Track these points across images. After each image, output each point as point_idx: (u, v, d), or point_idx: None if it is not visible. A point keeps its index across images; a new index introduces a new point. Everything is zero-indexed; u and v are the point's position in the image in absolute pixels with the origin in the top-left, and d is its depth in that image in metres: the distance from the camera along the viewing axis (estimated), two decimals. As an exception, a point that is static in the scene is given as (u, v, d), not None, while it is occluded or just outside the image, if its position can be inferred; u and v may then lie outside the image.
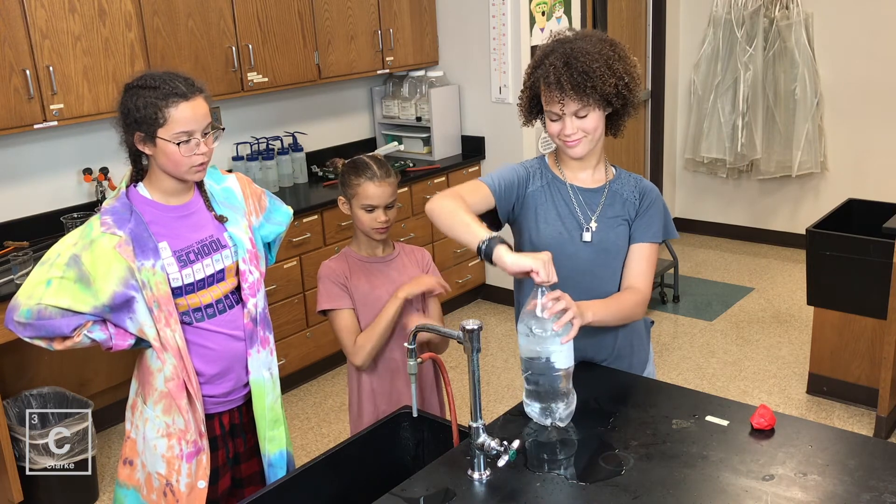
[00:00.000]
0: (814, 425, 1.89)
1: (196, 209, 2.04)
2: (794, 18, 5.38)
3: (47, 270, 1.88)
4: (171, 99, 1.87)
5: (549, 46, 1.96)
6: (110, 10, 3.47)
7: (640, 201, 2.07)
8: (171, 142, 1.88)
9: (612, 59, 1.91)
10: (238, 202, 2.13)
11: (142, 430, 2.05)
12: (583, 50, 1.89)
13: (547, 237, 2.05)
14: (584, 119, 1.94)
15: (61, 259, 1.88)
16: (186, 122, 1.89)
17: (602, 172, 2.09)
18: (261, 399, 2.11)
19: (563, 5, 4.91)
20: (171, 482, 2.01)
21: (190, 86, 1.91)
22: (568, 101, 1.91)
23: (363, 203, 2.30)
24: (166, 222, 1.98)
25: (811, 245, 3.73)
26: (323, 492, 1.90)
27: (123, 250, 1.88)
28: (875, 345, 3.60)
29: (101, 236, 1.89)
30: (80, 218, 3.41)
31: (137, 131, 1.90)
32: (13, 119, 3.24)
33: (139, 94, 1.88)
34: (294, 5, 4.16)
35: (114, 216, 1.92)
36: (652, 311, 5.00)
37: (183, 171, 1.93)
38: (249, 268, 2.08)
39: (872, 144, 5.42)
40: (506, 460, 1.65)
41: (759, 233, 6.07)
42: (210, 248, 2.03)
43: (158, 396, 2.00)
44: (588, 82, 1.87)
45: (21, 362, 3.58)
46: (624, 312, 2.02)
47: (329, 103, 4.86)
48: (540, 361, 1.79)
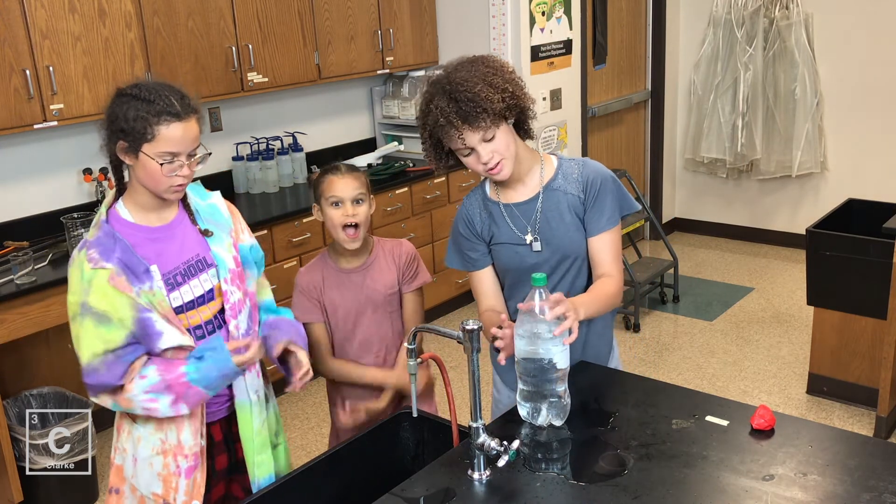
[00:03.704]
0: (814, 425, 1.89)
1: (180, 228, 1.96)
2: (794, 18, 5.38)
3: (75, 331, 1.84)
4: (164, 117, 1.79)
5: (429, 92, 1.95)
6: (110, 10, 3.47)
7: (586, 193, 2.05)
8: (155, 160, 1.81)
9: (488, 75, 1.91)
10: (224, 219, 2.04)
11: (131, 452, 1.99)
12: (460, 79, 1.89)
13: (504, 258, 2.10)
14: (492, 141, 1.93)
15: (74, 312, 1.83)
16: (175, 143, 1.81)
17: (536, 178, 2.08)
18: (247, 423, 2.02)
19: (563, 5, 4.91)
20: (168, 501, 1.96)
21: (185, 105, 1.83)
22: (467, 133, 1.90)
23: (329, 197, 2.30)
24: (151, 245, 1.90)
25: (811, 245, 3.73)
26: (323, 492, 1.90)
27: (117, 282, 1.81)
28: (875, 345, 3.60)
29: (93, 274, 1.81)
30: (79, 218, 3.40)
31: (122, 140, 1.82)
32: (13, 119, 3.24)
33: (131, 104, 1.80)
34: (294, 5, 4.16)
35: (99, 248, 1.83)
36: (652, 310, 5.00)
37: (160, 190, 1.86)
38: (231, 288, 1.98)
39: (872, 144, 5.42)
40: (506, 460, 1.65)
41: (759, 233, 6.07)
42: (196, 267, 1.95)
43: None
44: (477, 108, 1.87)
45: (21, 362, 3.59)
46: (608, 302, 2.04)
47: (329, 103, 4.86)
48: (540, 362, 1.79)
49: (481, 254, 2.13)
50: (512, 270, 2.11)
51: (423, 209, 4.62)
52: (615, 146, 5.92)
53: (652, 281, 4.99)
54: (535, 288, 1.76)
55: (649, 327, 4.79)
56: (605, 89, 5.70)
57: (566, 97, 5.07)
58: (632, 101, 5.94)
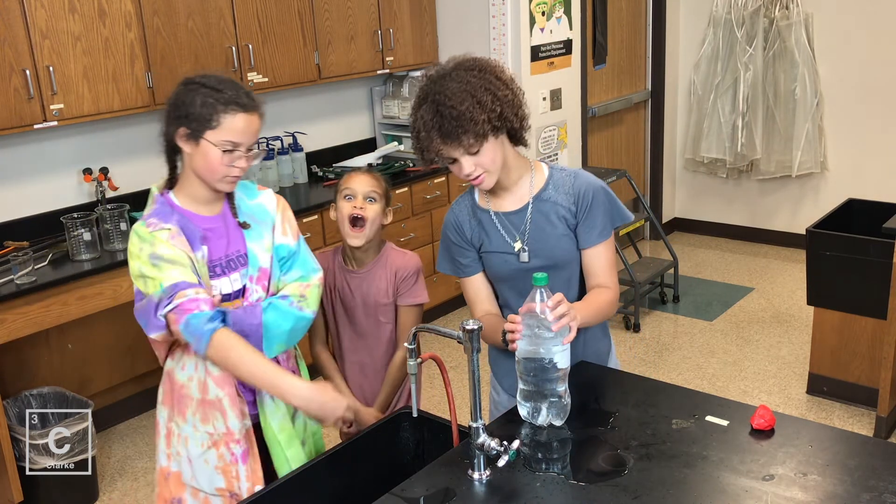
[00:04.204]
0: (814, 425, 1.89)
1: (226, 221, 1.99)
2: (794, 18, 5.38)
3: (148, 281, 1.84)
4: (231, 106, 1.83)
5: (422, 92, 1.89)
6: (110, 10, 3.47)
7: (578, 206, 2.01)
8: (217, 147, 1.84)
9: (479, 90, 1.82)
10: (269, 217, 2.04)
11: (185, 454, 1.98)
12: (449, 93, 1.82)
13: (495, 266, 2.07)
14: (477, 155, 1.87)
15: (142, 269, 1.84)
16: (238, 132, 1.85)
17: (526, 188, 2.04)
18: (268, 423, 2.02)
19: (563, 5, 4.91)
20: (233, 492, 1.96)
21: (251, 100, 1.87)
22: (448, 148, 1.86)
23: (343, 190, 2.33)
24: (199, 232, 1.93)
25: (811, 245, 3.73)
26: (323, 492, 1.90)
27: (178, 241, 1.85)
28: (875, 345, 3.60)
29: (153, 236, 1.85)
30: (79, 218, 3.40)
31: (184, 126, 1.85)
32: (13, 119, 3.24)
33: (199, 91, 1.84)
34: (294, 5, 4.16)
35: (156, 216, 1.88)
36: (652, 310, 5.00)
37: (215, 179, 1.89)
38: (255, 287, 1.99)
39: (872, 144, 5.42)
40: (506, 460, 1.65)
41: (759, 233, 6.07)
42: (237, 262, 1.97)
43: (196, 406, 1.95)
44: (460, 128, 1.81)
45: (21, 362, 3.58)
46: (603, 312, 2.03)
47: (329, 103, 4.86)
48: (541, 362, 1.79)
49: (472, 260, 2.10)
50: (503, 278, 2.09)
51: (423, 209, 4.63)
52: (615, 146, 5.92)
53: (652, 281, 4.99)
54: (536, 288, 1.76)
55: (649, 327, 4.79)
56: (605, 89, 5.70)
57: (566, 97, 5.07)
58: (632, 101, 5.94)
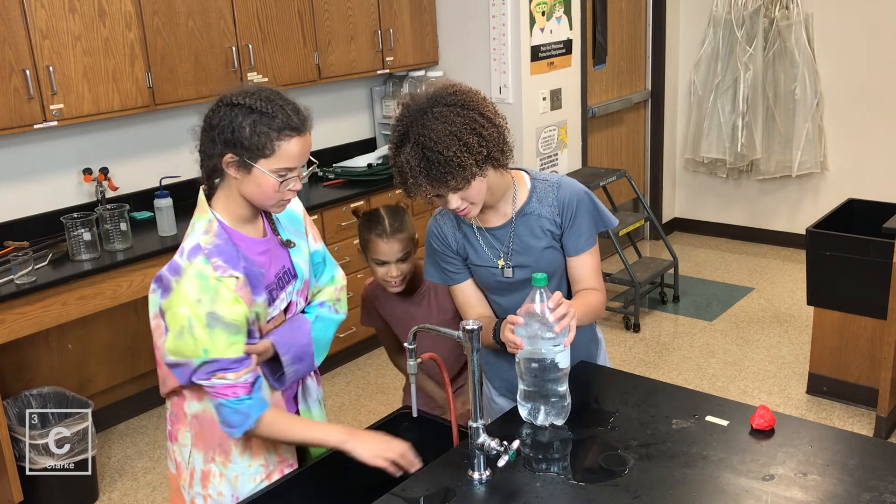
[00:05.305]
0: (814, 425, 1.89)
1: (272, 239, 1.89)
2: (794, 18, 5.38)
3: (195, 339, 1.70)
4: (286, 132, 1.69)
5: (402, 128, 1.81)
6: (110, 10, 3.47)
7: (563, 216, 2.00)
8: (271, 176, 1.71)
9: (464, 132, 1.76)
10: (301, 226, 1.99)
11: (229, 493, 1.88)
12: (435, 135, 1.75)
13: (482, 279, 2.08)
14: (464, 190, 1.82)
15: (192, 323, 1.70)
16: (294, 158, 1.71)
17: (509, 205, 2.01)
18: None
19: (563, 5, 4.91)
20: None
21: (302, 119, 1.73)
22: (434, 189, 1.81)
23: (374, 258, 2.31)
24: (258, 258, 1.83)
25: (811, 245, 3.73)
26: (323, 492, 1.90)
27: (243, 293, 1.74)
28: (875, 345, 3.60)
29: (218, 283, 1.71)
30: (79, 218, 3.40)
31: (231, 153, 1.70)
32: (13, 119, 3.24)
33: (249, 116, 1.68)
34: (294, 5, 4.16)
35: (222, 256, 1.74)
36: (652, 310, 5.01)
37: (268, 204, 1.77)
38: (299, 300, 1.94)
39: (872, 144, 5.42)
40: (506, 460, 1.65)
41: (758, 233, 6.07)
42: (285, 279, 1.90)
43: (243, 444, 1.87)
44: (448, 174, 1.76)
45: (21, 362, 3.58)
46: (594, 313, 2.04)
47: (329, 103, 4.86)
48: (542, 362, 1.79)
49: (459, 267, 2.09)
50: (490, 289, 2.10)
51: (424, 209, 4.62)
52: (615, 146, 5.92)
53: (652, 281, 4.99)
54: (536, 288, 1.76)
55: (649, 327, 4.79)
56: (605, 89, 5.70)
57: (566, 97, 5.07)
58: (632, 101, 5.94)
